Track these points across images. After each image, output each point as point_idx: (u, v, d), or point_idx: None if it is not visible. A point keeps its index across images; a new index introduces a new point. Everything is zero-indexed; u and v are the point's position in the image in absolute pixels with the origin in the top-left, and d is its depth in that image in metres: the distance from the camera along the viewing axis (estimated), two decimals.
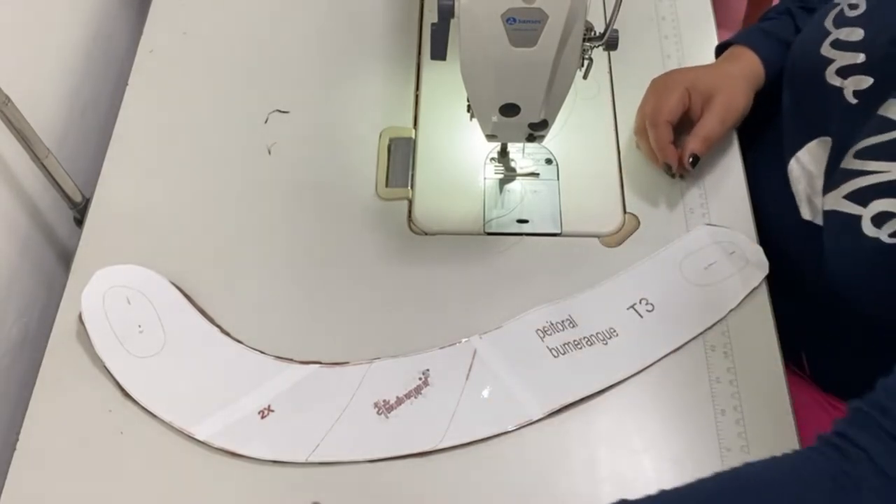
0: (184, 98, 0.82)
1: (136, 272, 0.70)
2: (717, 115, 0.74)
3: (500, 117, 0.64)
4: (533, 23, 0.55)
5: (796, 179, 0.71)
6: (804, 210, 0.70)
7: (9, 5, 0.75)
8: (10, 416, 0.72)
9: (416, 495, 0.62)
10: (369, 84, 0.83)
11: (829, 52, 0.68)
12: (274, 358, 0.67)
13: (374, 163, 0.78)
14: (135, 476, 0.63)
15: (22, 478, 0.63)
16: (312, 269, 0.72)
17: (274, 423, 0.64)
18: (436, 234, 0.74)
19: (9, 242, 0.75)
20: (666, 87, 0.75)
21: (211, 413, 0.64)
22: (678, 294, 0.70)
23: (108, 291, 0.69)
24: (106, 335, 0.67)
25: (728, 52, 0.79)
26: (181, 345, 0.67)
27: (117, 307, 0.68)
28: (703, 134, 0.74)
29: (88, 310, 0.67)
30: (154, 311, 0.68)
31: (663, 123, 0.73)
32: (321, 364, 0.67)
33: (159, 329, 0.67)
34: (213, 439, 0.63)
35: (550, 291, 0.71)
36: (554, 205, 0.76)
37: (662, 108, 0.74)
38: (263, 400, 0.65)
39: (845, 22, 0.68)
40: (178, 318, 0.68)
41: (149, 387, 0.65)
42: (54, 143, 0.76)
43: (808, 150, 0.70)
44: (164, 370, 0.66)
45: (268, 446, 0.63)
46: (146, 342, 0.67)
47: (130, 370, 0.66)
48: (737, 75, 0.75)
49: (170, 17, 0.87)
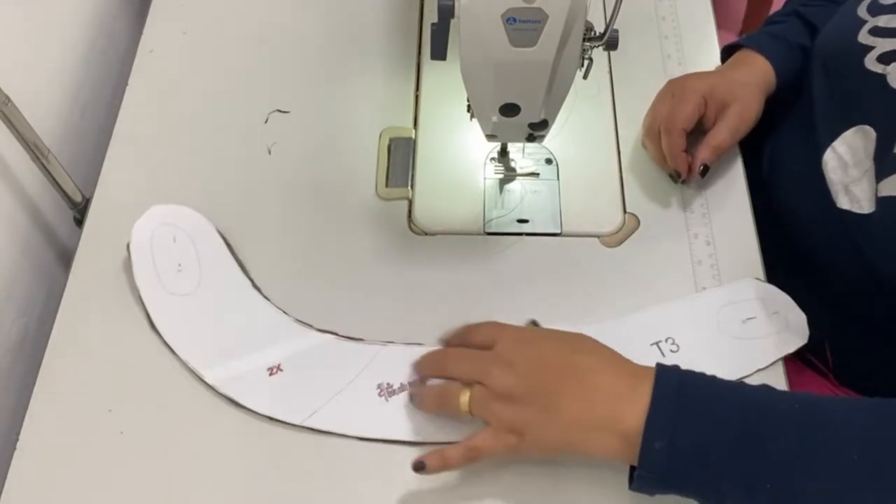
0: (184, 98, 0.82)
1: (187, 214, 0.73)
2: (731, 126, 0.74)
3: (500, 117, 0.64)
4: (533, 23, 0.55)
5: (832, 169, 0.69)
6: (841, 200, 0.68)
7: (9, 5, 0.75)
8: (10, 416, 0.72)
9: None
10: (369, 84, 0.83)
11: (867, 39, 0.68)
12: (294, 320, 0.69)
13: (374, 163, 0.78)
14: (135, 476, 0.63)
15: (22, 478, 0.63)
16: (312, 268, 0.72)
17: (280, 382, 0.66)
18: (436, 234, 0.74)
19: (9, 242, 0.75)
20: (683, 93, 0.74)
21: (224, 360, 0.66)
22: (708, 342, 0.68)
23: (158, 228, 0.72)
24: (147, 268, 0.70)
25: (739, 57, 0.78)
26: (213, 290, 0.70)
27: (163, 244, 0.71)
28: (714, 144, 0.73)
29: (137, 242, 0.71)
30: (195, 254, 0.71)
31: (678, 131, 0.73)
32: (337, 335, 0.68)
33: (197, 271, 0.70)
34: (220, 385, 0.65)
35: (550, 291, 0.71)
36: (554, 205, 0.76)
37: (678, 115, 0.73)
38: (275, 358, 0.67)
39: (882, 10, 0.68)
40: (216, 265, 0.71)
41: (174, 323, 0.68)
42: (54, 143, 0.76)
43: (844, 139, 0.69)
44: (192, 310, 0.69)
45: (268, 402, 0.65)
46: (182, 281, 0.70)
47: (162, 305, 0.69)
48: (751, 84, 0.75)
49: (170, 17, 0.87)
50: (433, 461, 0.58)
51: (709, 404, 0.55)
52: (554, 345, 0.60)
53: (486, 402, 0.58)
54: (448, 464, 0.58)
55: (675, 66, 0.84)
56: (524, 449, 0.58)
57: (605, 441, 0.56)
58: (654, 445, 0.53)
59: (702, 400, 0.55)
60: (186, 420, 0.65)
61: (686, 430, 0.53)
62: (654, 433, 0.53)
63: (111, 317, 0.69)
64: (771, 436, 0.53)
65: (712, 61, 0.84)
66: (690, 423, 0.54)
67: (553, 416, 0.56)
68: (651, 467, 0.54)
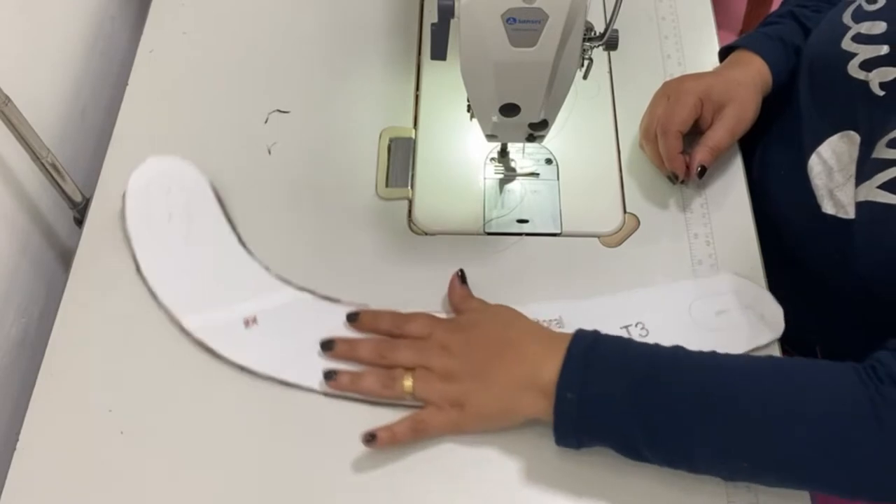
0: (184, 98, 0.82)
1: (184, 167, 0.76)
2: (728, 127, 0.74)
3: (500, 117, 0.64)
4: (533, 23, 0.55)
5: (817, 174, 0.70)
6: (826, 204, 0.69)
7: (9, 5, 0.75)
8: (10, 416, 0.72)
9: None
10: (369, 84, 0.83)
11: (850, 46, 0.68)
12: (275, 276, 0.71)
13: (374, 163, 0.78)
14: (135, 476, 0.63)
15: (22, 478, 0.63)
16: (312, 269, 0.72)
17: (254, 333, 0.68)
18: (436, 234, 0.74)
19: (9, 242, 0.75)
20: (679, 95, 0.74)
21: (203, 308, 0.69)
22: (678, 329, 0.68)
23: (155, 177, 0.75)
24: (139, 215, 0.73)
25: (735, 57, 0.78)
26: (200, 241, 0.72)
27: (158, 194, 0.74)
28: (711, 144, 0.74)
29: (133, 189, 0.74)
30: (188, 206, 0.74)
31: (674, 133, 0.73)
32: (314, 294, 0.70)
33: (187, 222, 0.73)
34: (197, 331, 0.68)
35: (550, 291, 0.71)
36: (554, 205, 0.76)
37: (674, 117, 0.73)
38: (252, 310, 0.69)
39: (865, 16, 0.69)
40: (206, 218, 0.74)
41: (159, 270, 0.71)
42: (54, 143, 0.76)
43: (829, 144, 0.70)
44: (177, 259, 0.71)
45: (241, 353, 0.67)
46: (171, 230, 0.72)
47: (149, 251, 0.71)
48: (747, 83, 0.75)
49: (170, 17, 0.87)
50: (383, 435, 0.62)
51: (618, 358, 0.60)
52: (485, 327, 0.65)
53: (429, 383, 0.63)
54: (396, 438, 0.62)
55: (675, 66, 0.84)
56: (466, 420, 0.63)
57: (532, 399, 0.61)
58: (567, 395, 0.59)
59: (612, 355, 0.60)
60: (187, 420, 0.65)
61: (594, 381, 0.59)
62: (565, 384, 0.59)
63: (111, 317, 0.69)
64: (673, 381, 0.59)
65: (712, 61, 0.84)
66: (598, 375, 0.59)
67: (488, 385, 0.62)
68: (564, 417, 0.59)
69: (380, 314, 0.68)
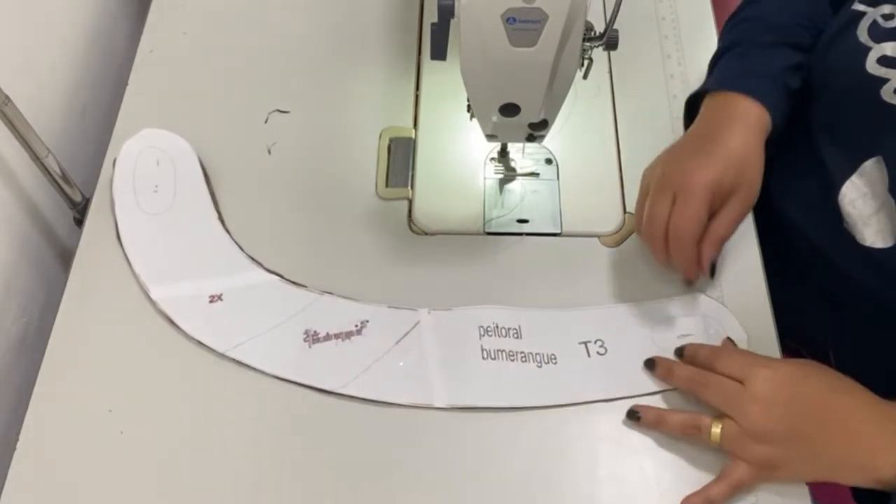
0: (184, 98, 0.82)
1: (175, 141, 0.77)
2: (735, 218, 0.67)
3: (500, 117, 0.64)
4: (533, 23, 0.55)
5: (850, 202, 0.67)
6: (859, 233, 0.67)
7: (9, 5, 0.75)
8: (10, 416, 0.72)
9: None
10: (369, 84, 0.83)
11: (878, 70, 0.64)
12: (246, 256, 0.72)
13: (374, 163, 0.78)
14: (135, 476, 0.63)
15: (22, 478, 0.63)
16: (312, 268, 0.72)
17: (217, 310, 0.69)
18: (436, 234, 0.74)
19: (9, 242, 0.75)
20: (687, 195, 0.65)
21: (172, 281, 0.70)
22: (637, 350, 0.67)
23: (145, 149, 0.76)
24: (126, 184, 0.74)
25: (727, 110, 0.69)
26: (181, 214, 0.74)
27: (146, 165, 0.76)
28: (718, 239, 0.67)
29: (122, 159, 0.76)
30: (173, 177, 0.75)
31: (691, 241, 0.65)
32: (282, 278, 0.71)
33: (171, 194, 0.74)
34: (161, 302, 0.69)
35: (550, 291, 0.71)
36: (554, 205, 0.76)
37: (690, 223, 0.65)
38: (219, 287, 0.70)
39: (886, 35, 0.65)
40: (190, 191, 0.75)
41: (137, 238, 0.72)
42: (54, 143, 0.76)
43: (862, 172, 0.66)
44: (156, 229, 0.73)
45: (200, 328, 0.68)
46: (155, 201, 0.74)
47: (131, 219, 0.73)
48: (753, 157, 0.68)
49: (170, 17, 0.87)
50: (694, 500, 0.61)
51: None
52: (811, 386, 0.60)
53: (740, 440, 0.60)
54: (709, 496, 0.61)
55: (674, 66, 0.84)
56: (779, 479, 0.61)
57: (859, 482, 0.58)
58: None
59: None
60: (187, 420, 0.65)
61: None
62: None
63: (111, 317, 0.69)
64: None
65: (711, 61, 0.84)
66: None
67: (811, 459, 0.59)
68: None
69: (699, 347, 0.65)
